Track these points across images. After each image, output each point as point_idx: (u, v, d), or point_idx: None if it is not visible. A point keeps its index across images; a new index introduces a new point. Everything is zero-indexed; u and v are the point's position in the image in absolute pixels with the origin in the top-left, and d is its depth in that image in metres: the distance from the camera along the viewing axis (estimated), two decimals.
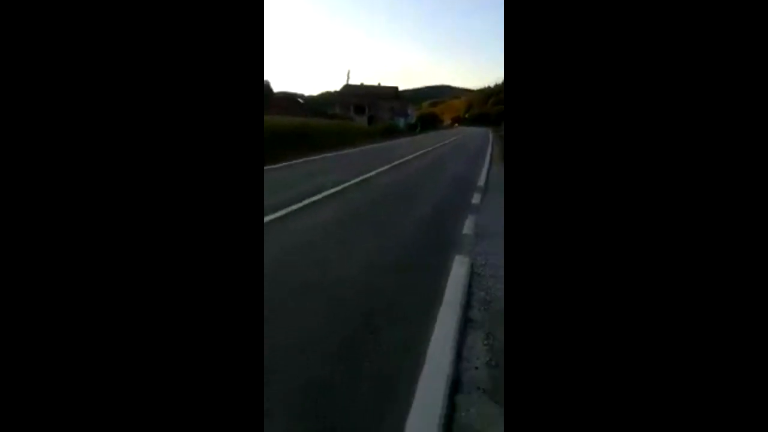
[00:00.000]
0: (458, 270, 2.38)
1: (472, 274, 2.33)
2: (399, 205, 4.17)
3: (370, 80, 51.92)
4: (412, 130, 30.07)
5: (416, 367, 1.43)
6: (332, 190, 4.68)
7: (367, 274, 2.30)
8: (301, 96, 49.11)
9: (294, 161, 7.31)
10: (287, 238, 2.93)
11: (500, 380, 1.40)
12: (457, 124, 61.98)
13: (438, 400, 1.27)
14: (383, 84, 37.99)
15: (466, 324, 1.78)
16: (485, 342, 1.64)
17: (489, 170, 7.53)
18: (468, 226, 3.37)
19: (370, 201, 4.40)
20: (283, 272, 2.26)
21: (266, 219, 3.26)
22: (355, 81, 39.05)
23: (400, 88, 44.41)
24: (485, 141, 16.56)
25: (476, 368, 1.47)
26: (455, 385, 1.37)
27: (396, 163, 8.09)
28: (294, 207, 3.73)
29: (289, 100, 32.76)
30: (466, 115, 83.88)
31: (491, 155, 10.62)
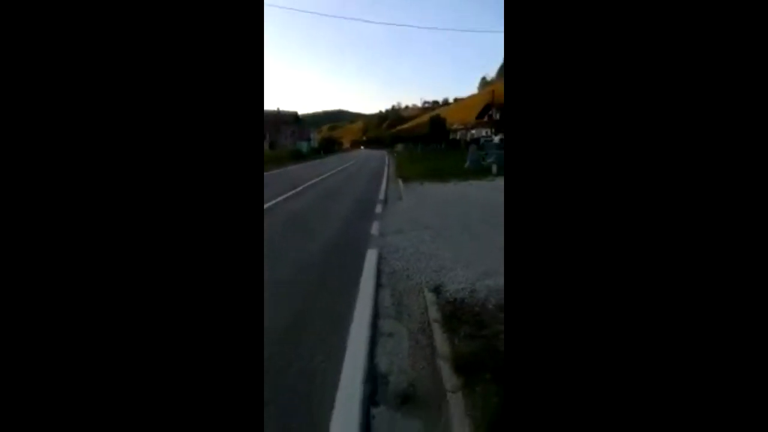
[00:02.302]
0: (371, 255, 3.36)
1: (380, 257, 3.31)
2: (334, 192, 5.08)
3: (269, 105, 50.65)
4: (316, 153, 30.90)
5: None
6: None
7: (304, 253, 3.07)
8: None
9: None
10: None
11: (399, 303, 2.36)
12: (362, 147, 74.47)
13: None
14: (282, 109, 37.85)
15: (377, 286, 2.72)
16: (390, 294, 2.62)
17: (387, 186, 8.91)
18: (374, 228, 4.40)
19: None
20: None
21: None
22: None
23: (299, 113, 44.93)
24: (383, 162, 18.64)
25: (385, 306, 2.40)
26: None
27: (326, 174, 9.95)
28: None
29: None
30: (364, 138, 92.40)
31: (387, 174, 12.25)
